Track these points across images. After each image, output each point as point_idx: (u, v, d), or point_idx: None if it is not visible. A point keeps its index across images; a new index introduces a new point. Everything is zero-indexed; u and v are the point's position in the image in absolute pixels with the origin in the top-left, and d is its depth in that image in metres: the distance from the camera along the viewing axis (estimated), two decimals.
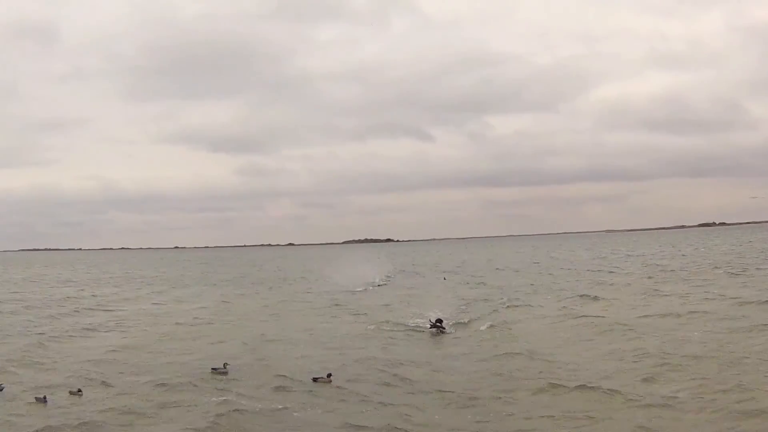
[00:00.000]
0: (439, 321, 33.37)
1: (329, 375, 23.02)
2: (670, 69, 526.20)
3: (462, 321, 36.76)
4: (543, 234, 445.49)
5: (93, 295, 62.97)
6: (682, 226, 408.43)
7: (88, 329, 38.26)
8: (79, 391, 22.14)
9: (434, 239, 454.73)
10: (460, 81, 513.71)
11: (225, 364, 25.11)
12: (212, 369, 25.00)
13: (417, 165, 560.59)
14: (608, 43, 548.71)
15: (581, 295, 46.62)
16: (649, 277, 59.84)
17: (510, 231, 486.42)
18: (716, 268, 66.60)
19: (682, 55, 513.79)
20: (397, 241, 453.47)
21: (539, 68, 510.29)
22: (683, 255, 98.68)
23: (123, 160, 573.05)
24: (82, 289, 71.65)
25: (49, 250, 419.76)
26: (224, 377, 24.24)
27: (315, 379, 22.91)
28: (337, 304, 47.36)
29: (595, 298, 44.38)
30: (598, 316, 35.83)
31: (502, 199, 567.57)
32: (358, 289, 59.92)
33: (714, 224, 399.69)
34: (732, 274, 57.16)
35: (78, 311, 48.31)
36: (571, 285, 56.60)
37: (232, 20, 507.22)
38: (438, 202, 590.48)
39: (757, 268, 60.54)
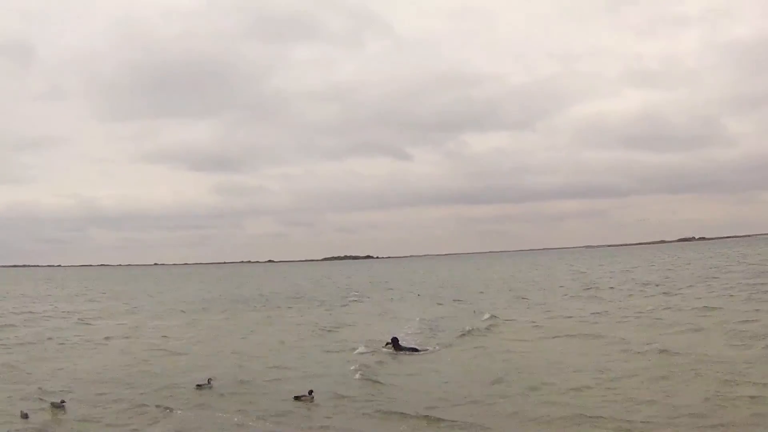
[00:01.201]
0: (395, 339, 33.15)
1: (311, 392, 23.03)
2: (646, 87, 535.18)
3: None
4: (523, 250, 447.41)
5: (64, 311, 62.94)
6: (662, 241, 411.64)
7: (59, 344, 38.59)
8: (63, 402, 22.01)
9: (414, 256, 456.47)
10: (437, 100, 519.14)
11: (209, 380, 25.19)
12: (197, 385, 24.96)
13: (395, 183, 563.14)
14: (585, 62, 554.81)
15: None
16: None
17: (490, 247, 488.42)
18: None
19: (658, 73, 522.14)
20: (377, 257, 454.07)
21: (516, 87, 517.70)
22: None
23: (102, 178, 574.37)
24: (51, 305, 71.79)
25: (28, 266, 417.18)
26: (209, 392, 24.27)
27: (297, 398, 22.88)
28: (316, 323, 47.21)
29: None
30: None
31: (481, 216, 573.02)
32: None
33: (693, 239, 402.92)
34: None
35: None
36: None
37: (210, 40, 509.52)
38: (416, 219, 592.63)
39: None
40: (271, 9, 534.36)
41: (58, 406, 21.83)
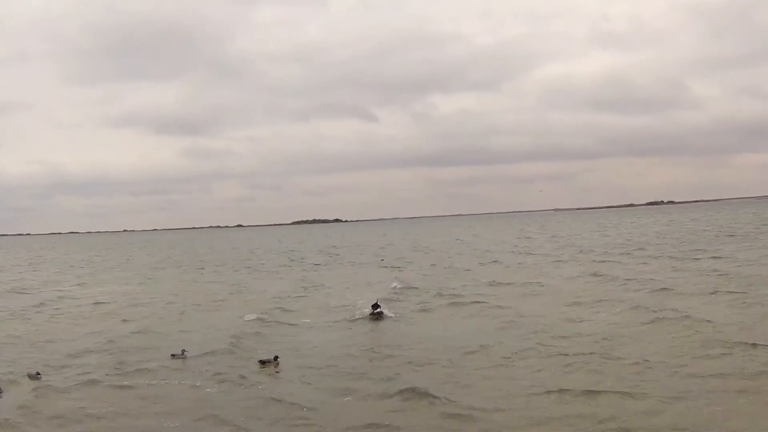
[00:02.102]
0: (377, 305, 30.92)
1: (276, 357, 22.62)
2: (613, 48, 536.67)
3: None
4: (492, 213, 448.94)
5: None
6: (631, 205, 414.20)
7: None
8: (38, 374, 21.32)
9: (383, 219, 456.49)
10: (403, 61, 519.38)
11: (183, 351, 24.44)
12: (171, 355, 24.32)
13: (362, 145, 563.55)
14: (551, 23, 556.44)
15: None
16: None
17: (459, 210, 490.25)
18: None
19: (624, 34, 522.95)
20: (346, 221, 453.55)
21: (481, 48, 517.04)
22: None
23: (68, 143, 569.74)
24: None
25: None
26: (184, 361, 23.59)
27: (262, 362, 22.49)
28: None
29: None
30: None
31: (449, 178, 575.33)
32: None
33: (662, 203, 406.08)
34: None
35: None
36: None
37: (171, 2, 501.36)
38: (385, 182, 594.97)
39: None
40: None
41: (35, 378, 21.20)
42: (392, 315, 30.66)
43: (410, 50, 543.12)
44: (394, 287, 42.09)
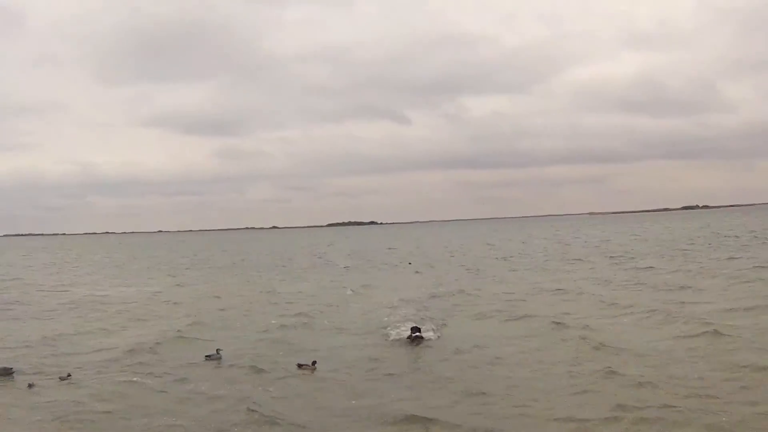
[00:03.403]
0: (416, 329, 27.33)
1: (314, 362, 22.62)
2: (643, 50, 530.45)
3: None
4: (526, 216, 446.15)
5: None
6: (666, 209, 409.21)
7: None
8: (69, 375, 21.61)
9: (417, 222, 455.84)
10: (432, 62, 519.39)
11: (218, 350, 24.70)
12: (206, 356, 24.47)
13: (395, 147, 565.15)
14: (578, 24, 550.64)
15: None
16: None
17: (493, 213, 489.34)
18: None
19: (654, 35, 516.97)
20: (381, 223, 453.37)
21: (509, 49, 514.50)
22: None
23: (100, 143, 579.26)
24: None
25: (33, 235, 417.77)
26: (218, 363, 23.76)
27: (299, 365, 22.53)
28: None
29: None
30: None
31: (482, 181, 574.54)
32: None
33: (697, 207, 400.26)
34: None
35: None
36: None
37: (199, 3, 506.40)
38: (418, 184, 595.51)
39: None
40: None
41: (65, 379, 21.46)
42: (432, 336, 27.39)
43: (439, 51, 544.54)
44: (427, 295, 41.13)
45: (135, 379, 21.37)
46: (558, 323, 28.52)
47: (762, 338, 23.58)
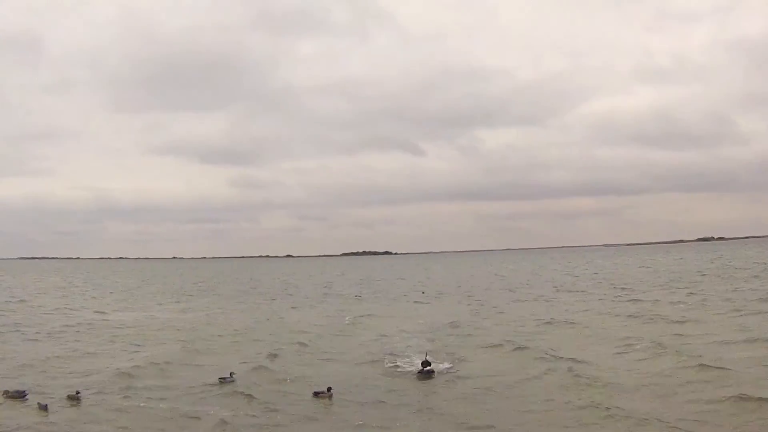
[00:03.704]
0: (427, 363, 26.67)
1: (329, 389, 22.67)
2: (657, 83, 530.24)
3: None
4: (542, 248, 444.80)
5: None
6: (681, 241, 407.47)
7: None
8: (78, 393, 21.89)
9: (432, 252, 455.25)
10: (447, 95, 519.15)
11: (231, 374, 24.94)
12: (219, 379, 24.70)
13: (409, 179, 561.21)
14: (593, 58, 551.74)
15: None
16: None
17: (507, 245, 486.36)
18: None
19: (668, 69, 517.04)
20: (395, 253, 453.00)
21: (524, 82, 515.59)
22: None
23: (115, 170, 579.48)
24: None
25: (47, 258, 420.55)
26: (231, 386, 23.94)
27: (316, 394, 22.59)
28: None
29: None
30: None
31: (497, 212, 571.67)
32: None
33: (712, 239, 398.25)
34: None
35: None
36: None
37: (214, 33, 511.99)
38: (433, 215, 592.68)
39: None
40: (273, 2, 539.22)
41: (74, 398, 21.76)
42: (443, 369, 26.91)
43: (453, 84, 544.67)
44: (432, 325, 41.04)
45: (142, 404, 21.62)
46: (554, 356, 28.63)
47: (750, 371, 23.49)
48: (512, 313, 47.55)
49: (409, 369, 27.26)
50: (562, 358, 28.10)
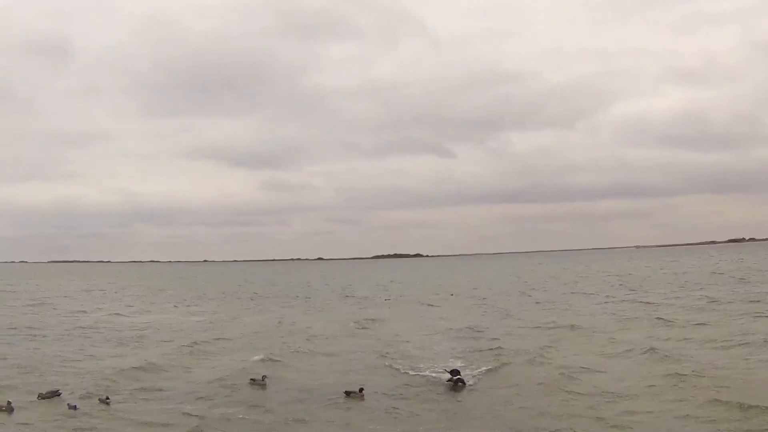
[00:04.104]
0: (456, 372, 25.13)
1: (361, 389, 22.98)
2: (687, 85, 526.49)
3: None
4: (573, 250, 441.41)
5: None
6: (713, 242, 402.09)
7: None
8: (107, 399, 22.17)
9: (463, 255, 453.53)
10: (477, 98, 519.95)
11: (263, 376, 25.17)
12: (251, 380, 25.07)
13: (440, 181, 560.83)
14: (621, 61, 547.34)
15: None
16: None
17: (540, 247, 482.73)
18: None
19: (698, 71, 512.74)
20: (426, 256, 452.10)
21: (554, 85, 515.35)
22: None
23: (145, 174, 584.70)
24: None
25: (78, 262, 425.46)
26: (263, 389, 24.31)
27: (347, 393, 22.91)
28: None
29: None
30: None
31: (529, 215, 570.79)
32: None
33: (744, 240, 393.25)
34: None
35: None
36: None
37: (242, 38, 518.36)
38: (464, 217, 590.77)
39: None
40: (301, 7, 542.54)
41: (104, 402, 22.06)
42: (471, 382, 24.97)
43: (483, 88, 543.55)
44: (457, 333, 39.48)
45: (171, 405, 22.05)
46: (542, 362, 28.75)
47: (738, 377, 23.50)
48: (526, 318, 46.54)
49: (434, 376, 26.05)
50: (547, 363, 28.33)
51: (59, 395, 22.67)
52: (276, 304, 66.32)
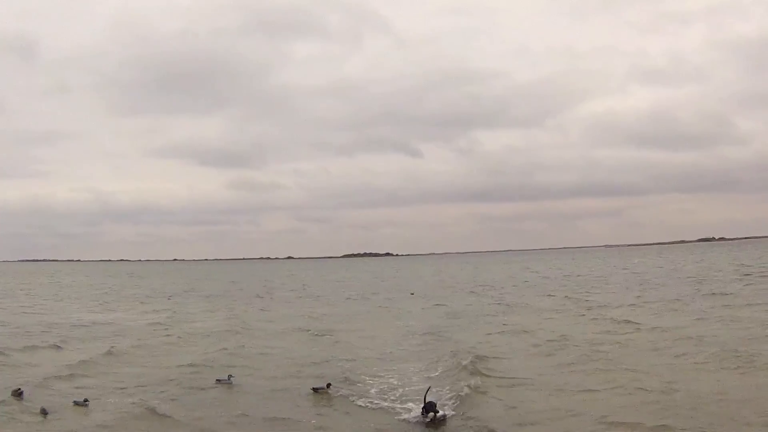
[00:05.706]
0: (432, 405, 19.34)
1: (329, 385, 23.03)
2: (654, 84, 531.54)
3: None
4: (543, 249, 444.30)
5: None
6: (682, 241, 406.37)
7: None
8: (85, 401, 21.36)
9: (433, 253, 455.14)
10: (444, 98, 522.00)
11: (229, 376, 24.96)
12: (217, 380, 24.82)
13: (408, 180, 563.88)
14: (590, 60, 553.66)
15: None
16: None
17: (509, 246, 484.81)
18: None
19: (665, 70, 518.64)
20: (396, 255, 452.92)
21: (522, 84, 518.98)
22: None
23: (114, 172, 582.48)
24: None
25: (48, 261, 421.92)
26: (229, 387, 24.10)
27: (315, 389, 22.90)
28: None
29: None
30: None
31: (497, 214, 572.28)
32: None
33: (713, 239, 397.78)
34: None
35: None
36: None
37: (209, 36, 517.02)
38: (433, 216, 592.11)
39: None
40: (268, 6, 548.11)
41: (82, 404, 21.26)
42: (452, 412, 19.92)
43: (450, 87, 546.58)
44: (424, 340, 36.26)
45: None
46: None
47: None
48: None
49: (413, 418, 19.61)
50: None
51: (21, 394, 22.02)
52: (236, 302, 66.44)
